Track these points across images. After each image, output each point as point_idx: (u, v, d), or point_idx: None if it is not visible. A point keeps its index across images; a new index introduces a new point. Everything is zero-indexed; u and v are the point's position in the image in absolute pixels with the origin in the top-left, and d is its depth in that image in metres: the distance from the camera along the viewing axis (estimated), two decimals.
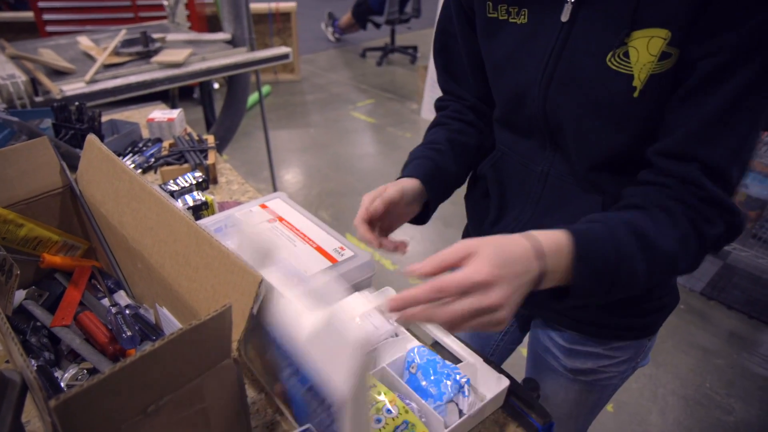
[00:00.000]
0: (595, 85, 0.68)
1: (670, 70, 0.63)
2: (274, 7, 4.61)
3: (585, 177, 0.75)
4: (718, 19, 0.59)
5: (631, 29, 0.63)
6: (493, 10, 0.76)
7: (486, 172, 0.89)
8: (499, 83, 0.81)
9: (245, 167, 3.39)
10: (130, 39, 2.30)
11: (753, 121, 0.62)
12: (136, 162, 1.30)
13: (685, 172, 0.65)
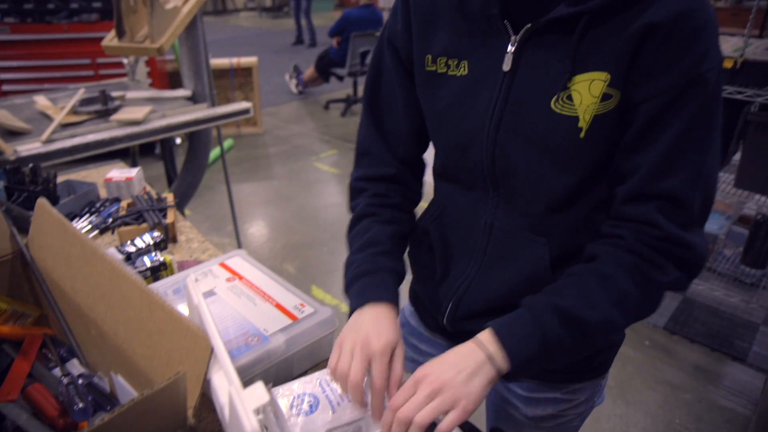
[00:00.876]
0: (542, 129, 0.70)
1: (613, 110, 0.66)
2: (235, 62, 4.68)
3: (533, 222, 0.76)
4: (652, 63, 0.63)
5: (572, 74, 0.67)
6: (432, 63, 0.78)
7: (428, 227, 0.89)
8: (441, 134, 0.82)
9: (208, 222, 3.36)
10: (89, 98, 2.29)
11: (703, 150, 0.66)
12: (93, 223, 1.28)
13: (641, 214, 0.68)
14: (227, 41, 9.83)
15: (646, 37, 0.62)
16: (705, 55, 0.62)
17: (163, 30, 2.20)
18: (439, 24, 0.77)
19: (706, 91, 0.63)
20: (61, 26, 3.64)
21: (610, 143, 0.69)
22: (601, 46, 0.65)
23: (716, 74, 0.64)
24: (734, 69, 1.86)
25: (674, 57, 0.62)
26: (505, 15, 0.71)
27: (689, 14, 0.61)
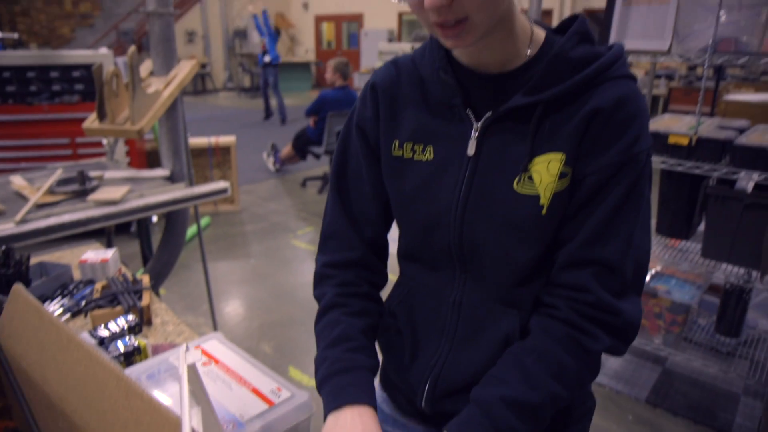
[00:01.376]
0: (507, 209, 0.75)
1: (569, 187, 0.73)
2: (213, 141, 4.77)
3: (502, 297, 0.79)
4: (595, 143, 0.72)
5: (531, 156, 0.73)
6: (398, 148, 0.82)
7: (395, 309, 0.89)
8: (408, 216, 0.84)
9: (183, 302, 3.29)
10: (66, 178, 2.30)
11: (633, 222, 0.73)
12: (65, 306, 1.25)
13: (576, 278, 0.73)
14: (206, 120, 10.04)
15: (591, 120, 0.71)
16: (638, 138, 0.71)
17: (144, 113, 2.25)
18: (406, 112, 0.82)
19: (638, 169, 0.72)
20: (42, 107, 3.70)
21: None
22: (556, 130, 0.73)
23: (646, 156, 0.73)
24: (690, 146, 1.97)
25: (613, 137, 0.71)
26: (467, 104, 0.77)
27: (627, 101, 0.71)
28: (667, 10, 1.92)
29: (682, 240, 2.31)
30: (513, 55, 0.76)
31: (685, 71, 8.36)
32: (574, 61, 0.73)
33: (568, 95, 0.73)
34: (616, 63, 0.74)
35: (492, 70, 0.77)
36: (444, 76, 0.78)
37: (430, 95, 0.81)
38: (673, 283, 2.40)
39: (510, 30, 0.74)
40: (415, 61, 0.84)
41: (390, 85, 0.84)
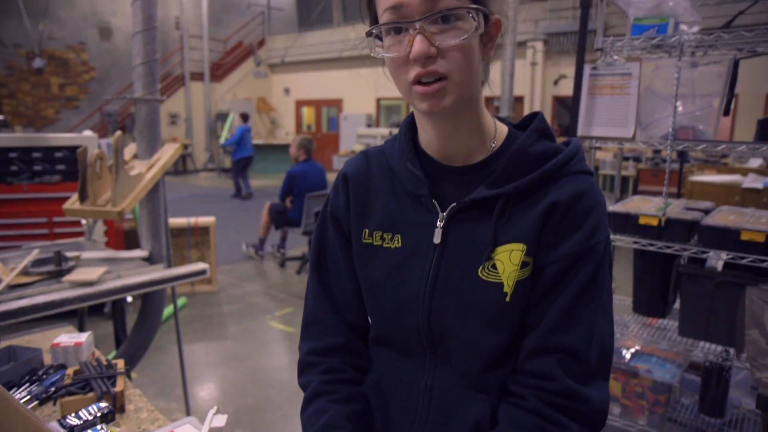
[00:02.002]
0: (472, 295, 0.78)
1: (530, 276, 0.77)
2: (193, 221, 4.77)
3: (470, 382, 0.81)
4: (554, 235, 0.76)
5: (494, 246, 0.77)
6: (368, 237, 0.86)
7: (368, 394, 0.89)
8: (377, 302, 0.86)
9: (156, 385, 3.16)
10: (42, 258, 2.27)
11: (595, 310, 0.76)
12: (33, 393, 1.20)
13: (542, 367, 0.76)
14: (186, 199, 10.08)
15: (550, 213, 0.76)
16: (595, 229, 0.76)
17: (126, 195, 2.27)
18: (375, 201, 0.86)
19: (597, 259, 0.76)
20: (21, 186, 3.69)
21: (528, 303, 0.79)
22: (517, 222, 0.77)
23: (604, 246, 0.77)
24: (660, 226, 2.04)
25: (572, 229, 0.76)
26: (433, 194, 0.82)
27: (584, 195, 0.76)
28: (628, 100, 2.05)
29: (659, 318, 2.33)
30: (478, 146, 0.81)
31: (650, 154, 8.77)
32: (534, 157, 0.78)
33: (528, 189, 0.77)
34: (573, 159, 0.79)
35: (457, 162, 0.82)
36: (411, 168, 0.82)
37: (398, 185, 0.85)
38: (654, 361, 2.40)
39: (477, 119, 0.80)
40: (385, 152, 0.89)
41: (360, 176, 0.88)
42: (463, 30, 0.70)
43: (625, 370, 2.29)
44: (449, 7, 0.69)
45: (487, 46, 0.77)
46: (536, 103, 11.83)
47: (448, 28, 0.70)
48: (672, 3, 1.92)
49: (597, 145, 2.23)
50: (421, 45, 0.69)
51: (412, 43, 0.70)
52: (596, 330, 0.76)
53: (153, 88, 2.49)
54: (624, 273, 3.63)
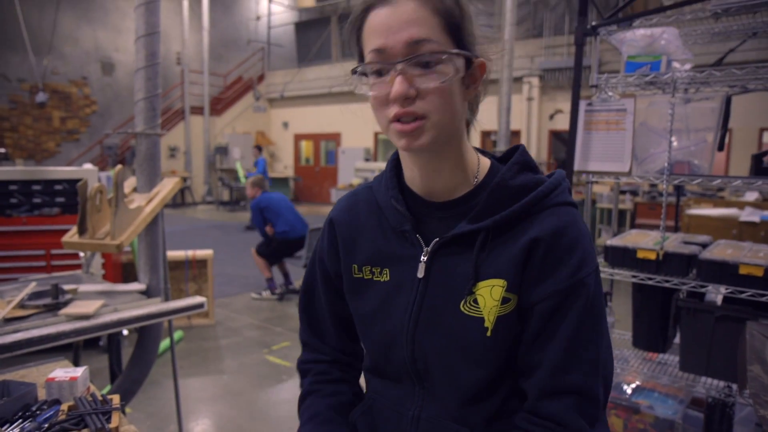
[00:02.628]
0: (454, 328, 0.80)
1: (513, 312, 0.78)
2: (191, 254, 4.76)
3: (453, 414, 0.82)
4: (538, 271, 0.76)
5: (476, 281, 0.79)
6: (358, 271, 0.90)
7: (357, 420, 0.94)
8: (368, 334, 0.90)
9: (151, 420, 3.10)
10: (39, 291, 2.25)
11: (597, 342, 0.77)
12: (26, 429, 1.18)
13: (557, 411, 0.76)
14: (183, 232, 10.07)
15: (532, 249, 0.77)
16: (582, 263, 0.76)
17: (125, 228, 2.28)
18: (363, 238, 0.90)
19: (588, 292, 0.76)
20: (20, 219, 3.70)
21: (512, 340, 0.80)
22: (498, 257, 0.78)
23: (594, 277, 0.78)
24: (658, 260, 2.04)
25: (556, 266, 0.76)
26: (417, 230, 0.84)
27: (565, 229, 0.77)
28: (624, 136, 2.09)
29: (660, 353, 2.32)
30: (461, 181, 0.83)
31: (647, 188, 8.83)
32: (514, 190, 0.80)
33: (508, 223, 0.78)
34: (555, 191, 0.80)
35: (441, 198, 0.84)
36: (395, 204, 0.86)
37: (385, 220, 0.88)
38: (655, 397, 2.37)
39: (459, 155, 0.82)
40: (372, 188, 0.93)
41: (347, 216, 0.93)
42: (443, 74, 0.73)
43: (627, 405, 2.26)
44: (430, 51, 0.72)
45: (470, 88, 0.80)
46: (533, 138, 11.97)
47: (428, 71, 0.73)
48: (664, 42, 1.97)
49: (594, 179, 2.26)
50: (401, 86, 0.72)
51: (392, 83, 0.73)
52: (600, 366, 0.77)
53: (154, 122, 2.53)
54: (623, 307, 3.61)
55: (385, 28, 0.73)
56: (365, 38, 0.77)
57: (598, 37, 2.21)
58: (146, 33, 2.45)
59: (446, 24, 0.74)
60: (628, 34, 2.08)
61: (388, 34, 0.73)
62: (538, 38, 11.96)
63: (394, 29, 0.73)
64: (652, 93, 2.27)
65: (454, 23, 0.75)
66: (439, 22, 0.73)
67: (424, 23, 0.72)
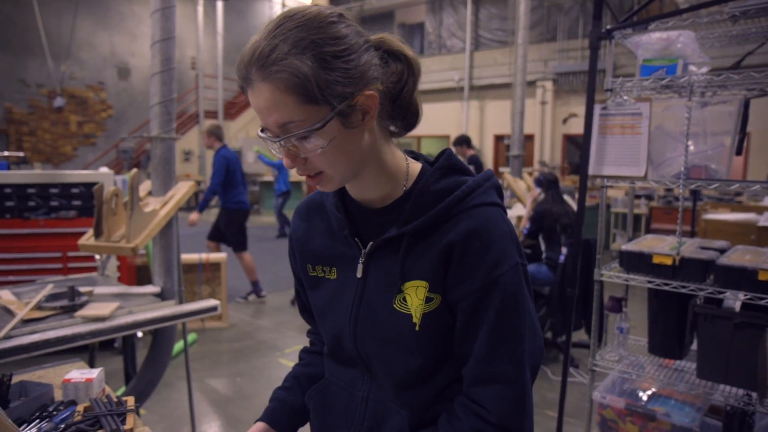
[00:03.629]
0: (387, 323, 0.88)
1: (438, 309, 0.85)
2: (204, 258, 4.79)
3: (393, 397, 0.92)
4: (456, 273, 0.83)
5: (402, 281, 0.86)
6: (312, 270, 1.00)
7: (313, 398, 1.04)
8: (323, 325, 1.00)
9: (165, 422, 3.12)
10: (56, 293, 2.28)
11: (519, 334, 0.83)
12: (43, 429, 1.20)
13: (483, 396, 0.84)
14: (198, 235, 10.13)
15: (449, 252, 0.83)
16: (498, 262, 0.82)
17: (140, 231, 2.30)
18: (315, 240, 0.99)
19: (504, 289, 0.82)
20: (38, 222, 3.75)
21: (443, 333, 0.87)
22: (419, 260, 0.86)
23: (511, 274, 0.83)
24: (674, 265, 2.02)
25: (472, 266, 0.82)
26: (356, 233, 0.92)
27: (477, 233, 0.82)
28: (639, 140, 2.07)
29: (676, 360, 2.29)
30: (391, 190, 0.89)
31: (663, 192, 8.74)
32: (435, 194, 0.86)
33: (430, 227, 0.85)
34: (473, 193, 0.85)
35: (376, 204, 0.91)
36: (336, 211, 0.93)
37: (331, 226, 0.97)
38: (672, 404, 2.34)
39: (380, 170, 0.87)
40: (323, 194, 1.00)
41: (302, 219, 1.03)
42: (321, 140, 0.78)
43: (643, 413, 2.23)
44: (297, 130, 0.77)
45: (365, 120, 0.81)
46: (546, 142, 11.91)
47: (306, 142, 0.78)
48: (680, 45, 1.95)
49: (608, 183, 2.24)
50: (287, 161, 0.81)
51: (283, 154, 0.81)
52: (526, 354, 0.83)
53: (169, 127, 2.55)
54: (638, 313, 3.57)
55: (257, 112, 0.79)
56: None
57: (613, 41, 2.20)
58: (161, 38, 2.48)
59: (304, 96, 0.75)
60: (643, 38, 2.06)
61: (261, 118, 0.79)
62: (552, 42, 11.91)
63: (263, 113, 0.78)
64: (668, 97, 2.25)
65: (311, 92, 0.75)
66: (296, 98, 0.75)
67: (282, 106, 0.75)
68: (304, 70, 0.74)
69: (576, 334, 3.98)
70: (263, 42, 0.75)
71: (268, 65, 0.74)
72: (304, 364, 1.14)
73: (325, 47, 0.75)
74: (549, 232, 4.16)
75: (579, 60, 11.30)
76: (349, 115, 0.78)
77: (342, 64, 0.76)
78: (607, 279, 2.24)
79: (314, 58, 0.75)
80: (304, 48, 0.74)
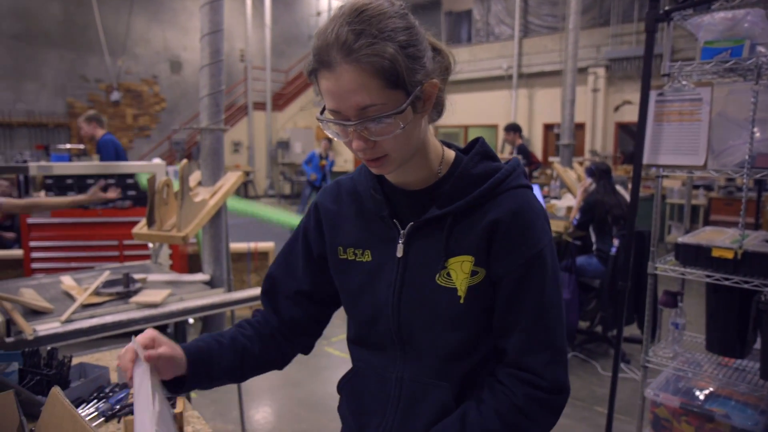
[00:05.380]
0: (432, 298, 0.92)
1: (482, 282, 0.91)
2: (252, 247, 4.89)
3: (435, 372, 0.95)
4: (501, 248, 0.89)
5: (447, 257, 0.91)
6: (343, 253, 1.01)
7: (343, 387, 1.06)
8: (356, 309, 1.02)
9: (214, 407, 3.22)
10: (112, 279, 2.37)
11: (560, 302, 0.92)
12: (100, 409, 1.25)
13: (535, 364, 0.90)
14: (246, 225, 10.37)
15: (493, 229, 0.89)
16: (539, 237, 0.89)
17: (190, 220, 2.36)
18: (345, 223, 1.01)
19: (547, 261, 0.90)
20: (96, 211, 3.91)
21: (484, 307, 0.92)
22: (464, 237, 0.91)
23: (550, 248, 0.91)
24: (735, 260, 1.91)
25: (516, 241, 0.88)
26: (393, 215, 0.96)
27: (520, 211, 0.89)
28: (699, 127, 1.96)
29: (737, 359, 2.17)
30: (428, 173, 0.94)
31: (723, 182, 8.33)
32: (475, 177, 0.92)
33: (472, 206, 0.90)
34: (510, 176, 0.92)
35: (413, 187, 0.95)
36: (374, 194, 0.97)
37: (365, 207, 1.00)
38: (732, 405, 2.23)
39: (424, 154, 0.93)
40: (354, 179, 1.04)
41: (332, 202, 1.04)
42: (394, 125, 0.81)
43: (699, 413, 2.14)
44: (377, 113, 0.80)
45: (426, 106, 0.87)
46: (598, 130, 11.55)
47: (380, 125, 0.81)
48: (747, 24, 1.84)
49: (664, 173, 2.14)
50: (357, 144, 0.83)
51: (352, 137, 0.83)
52: (563, 320, 0.92)
53: (217, 118, 2.60)
54: (695, 308, 3.42)
55: (334, 95, 0.81)
56: (321, 89, 0.84)
57: (672, 23, 2.09)
58: (210, 31, 2.52)
59: (387, 81, 0.79)
60: (705, 18, 1.95)
61: (337, 101, 0.81)
62: (605, 26, 11.50)
63: (342, 97, 0.80)
64: (732, 80, 2.13)
65: (397, 77, 0.79)
66: (380, 82, 0.79)
67: (366, 89, 0.79)
68: (393, 55, 0.78)
69: (627, 329, 3.85)
70: (346, 28, 0.78)
71: (357, 50, 0.77)
72: (246, 336, 1.06)
73: (404, 36, 0.80)
74: (600, 224, 4.03)
75: (634, 45, 10.87)
76: (418, 101, 0.84)
77: (417, 53, 0.82)
78: (661, 272, 2.15)
79: (398, 45, 0.79)
80: (388, 35, 0.79)
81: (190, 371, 0.96)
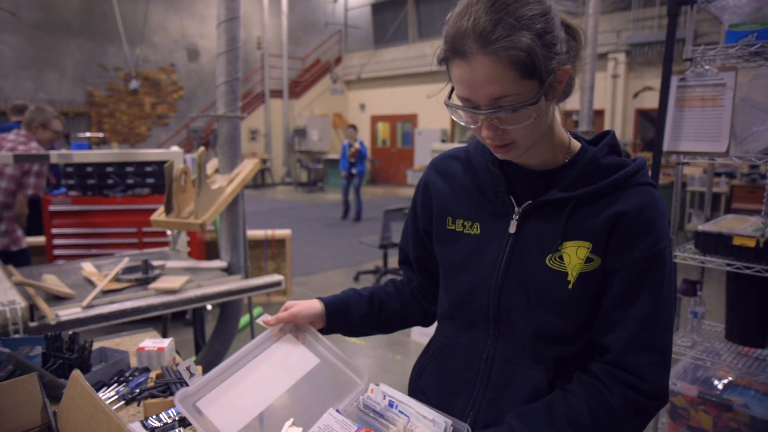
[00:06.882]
0: (539, 279, 0.91)
1: (595, 271, 0.88)
2: (270, 234, 4.92)
3: (529, 354, 0.93)
4: (622, 241, 0.87)
5: (562, 240, 0.89)
6: (452, 224, 1.01)
7: (426, 365, 1.06)
8: (454, 281, 1.01)
9: None
10: (131, 266, 2.41)
11: (673, 306, 0.89)
12: (120, 393, 1.27)
13: (639, 364, 0.87)
14: (263, 213, 10.45)
15: (617, 221, 0.87)
16: (661, 236, 0.87)
17: (208, 207, 2.38)
18: (457, 196, 1.01)
19: (666, 262, 0.88)
20: (116, 198, 3.96)
21: (593, 296, 0.90)
22: (584, 223, 0.89)
23: (669, 250, 0.89)
24: (758, 248, 1.88)
25: (640, 236, 0.86)
26: (510, 191, 0.95)
27: (647, 207, 0.87)
28: (722, 113, 1.92)
29: (757, 348, 2.14)
30: (551, 158, 0.93)
31: (746, 169, 8.16)
32: (605, 167, 0.90)
33: (597, 195, 0.89)
34: (639, 172, 0.91)
35: (534, 168, 0.94)
36: (492, 168, 0.96)
37: (479, 180, 0.99)
38: (752, 395, 2.20)
39: (549, 141, 0.91)
40: (468, 151, 1.03)
41: (441, 176, 1.05)
42: (526, 114, 0.81)
43: (718, 402, 2.11)
44: (511, 103, 0.79)
45: (557, 92, 0.85)
46: (617, 117, 11.37)
47: (512, 114, 0.81)
48: None
49: (685, 160, 2.10)
50: (487, 132, 0.83)
51: (482, 125, 0.83)
52: (673, 325, 0.89)
53: (234, 105, 2.61)
54: (715, 297, 3.37)
55: (467, 84, 0.80)
56: (452, 77, 0.83)
57: (695, 6, 2.04)
58: (227, 18, 2.52)
59: (523, 72, 0.77)
60: (731, 0, 1.90)
61: (470, 90, 0.80)
62: (626, 11, 11.26)
63: (475, 87, 0.79)
64: (758, 65, 2.07)
65: (532, 67, 0.78)
66: (516, 73, 0.77)
67: (501, 80, 0.77)
68: (530, 46, 0.76)
69: None
70: (484, 17, 0.76)
71: (495, 40, 0.76)
72: (386, 292, 1.15)
73: (539, 23, 0.78)
74: None
75: (655, 29, 10.63)
76: (550, 89, 0.83)
77: (551, 39, 0.80)
78: (680, 261, 2.12)
79: (534, 33, 0.77)
80: (525, 23, 0.77)
81: (328, 318, 1.07)
